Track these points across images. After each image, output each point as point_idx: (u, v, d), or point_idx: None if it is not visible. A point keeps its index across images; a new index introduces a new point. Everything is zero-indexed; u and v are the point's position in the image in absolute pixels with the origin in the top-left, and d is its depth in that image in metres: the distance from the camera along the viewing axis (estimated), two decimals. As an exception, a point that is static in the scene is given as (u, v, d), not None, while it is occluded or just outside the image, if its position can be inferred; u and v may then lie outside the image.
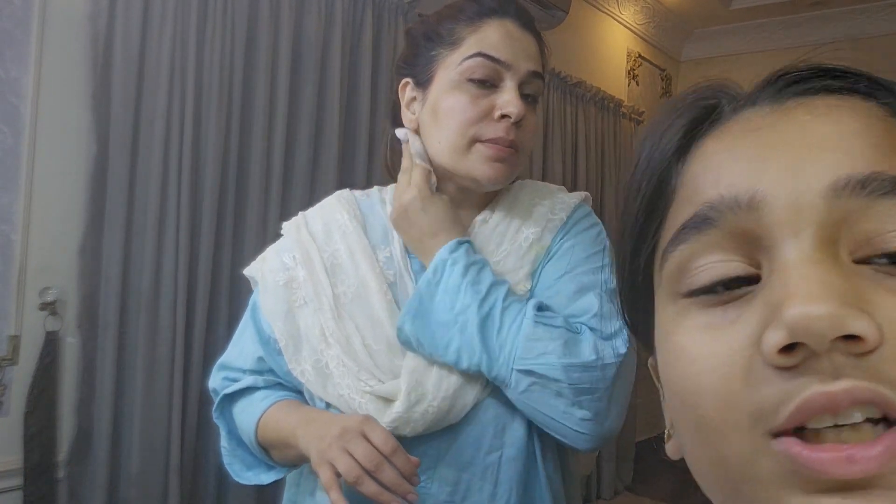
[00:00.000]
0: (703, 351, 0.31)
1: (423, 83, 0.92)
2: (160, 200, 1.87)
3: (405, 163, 0.93)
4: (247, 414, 0.93)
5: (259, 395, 0.94)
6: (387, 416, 0.82)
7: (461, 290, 0.82)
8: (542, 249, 0.92)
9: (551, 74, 3.30)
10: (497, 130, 0.86)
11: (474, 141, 0.87)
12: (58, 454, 1.73)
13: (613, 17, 4.01)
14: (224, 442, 0.99)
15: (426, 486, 0.85)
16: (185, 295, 1.91)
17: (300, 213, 1.00)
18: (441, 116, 0.89)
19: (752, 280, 0.31)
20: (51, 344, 1.71)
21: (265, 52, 2.09)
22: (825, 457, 0.26)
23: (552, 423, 0.82)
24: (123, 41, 1.79)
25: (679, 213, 0.34)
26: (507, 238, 0.92)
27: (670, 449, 0.39)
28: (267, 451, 0.93)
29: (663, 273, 0.34)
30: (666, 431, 0.40)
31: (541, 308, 0.84)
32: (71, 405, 1.76)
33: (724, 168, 0.33)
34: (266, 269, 0.96)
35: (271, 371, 0.95)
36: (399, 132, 0.95)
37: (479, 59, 0.87)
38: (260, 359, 0.95)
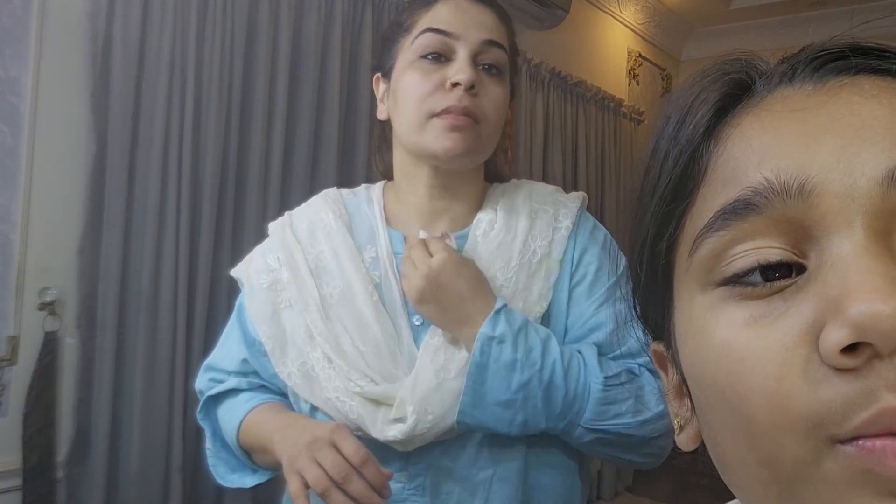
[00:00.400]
0: (752, 347, 0.28)
1: (387, 73, 0.92)
2: (159, 200, 1.86)
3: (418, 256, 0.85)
4: (230, 416, 0.92)
5: (243, 397, 0.93)
6: (390, 433, 0.80)
7: (517, 369, 0.79)
8: (555, 263, 0.89)
9: (551, 74, 3.30)
10: (449, 100, 0.84)
11: (430, 116, 0.85)
12: (57, 455, 1.72)
13: (614, 17, 4.01)
14: (208, 443, 0.98)
15: (415, 496, 0.83)
16: (185, 295, 1.90)
17: (286, 212, 0.99)
18: (399, 98, 0.89)
19: (794, 269, 0.29)
20: (50, 344, 1.70)
21: (265, 52, 2.09)
22: None
23: (615, 460, 0.84)
24: (123, 40, 1.79)
25: (713, 197, 0.32)
26: (515, 253, 0.88)
27: (682, 441, 0.38)
28: (249, 454, 0.92)
29: (693, 259, 0.32)
30: (675, 423, 0.39)
31: (598, 354, 0.83)
32: (70, 405, 1.75)
33: (768, 150, 0.31)
34: (251, 271, 0.95)
35: (255, 373, 0.94)
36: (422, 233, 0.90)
37: (427, 35, 0.86)
38: (244, 360, 0.94)
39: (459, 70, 0.84)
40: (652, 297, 0.38)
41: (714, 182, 0.33)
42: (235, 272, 0.99)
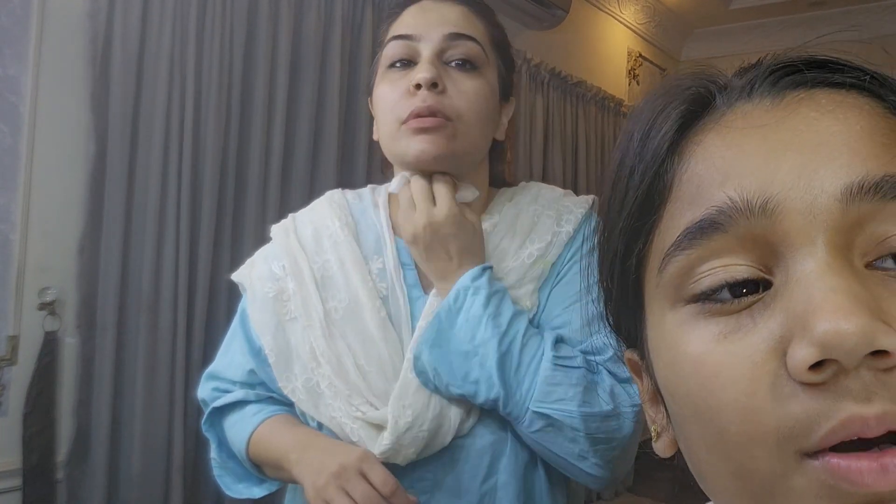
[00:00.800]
0: (722, 363, 0.29)
1: (372, 93, 0.91)
2: (159, 200, 1.86)
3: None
4: (238, 429, 0.90)
5: (251, 409, 0.90)
6: (377, 447, 0.79)
7: (482, 322, 0.78)
8: (548, 265, 0.87)
9: (551, 74, 3.30)
10: (414, 103, 0.81)
11: (400, 123, 0.83)
12: (57, 455, 1.72)
13: (614, 17, 4.01)
14: (214, 454, 0.96)
15: None
16: (185, 295, 1.90)
17: (290, 215, 0.96)
18: (376, 113, 0.88)
19: (761, 284, 0.30)
20: (50, 344, 1.70)
21: (265, 52, 2.09)
22: (863, 465, 0.25)
23: (562, 462, 0.80)
24: (123, 39, 1.79)
25: (679, 214, 0.33)
26: (510, 254, 0.86)
27: (660, 447, 0.39)
28: (259, 467, 0.90)
29: (663, 277, 0.33)
30: (652, 430, 0.40)
31: (558, 341, 0.80)
32: (70, 406, 1.75)
33: (731, 168, 0.31)
34: (254, 277, 0.92)
35: (263, 384, 0.92)
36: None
37: (391, 43, 0.85)
38: (251, 371, 0.91)
39: (419, 70, 0.82)
40: (624, 309, 0.39)
41: (679, 199, 0.33)
42: (237, 276, 0.96)
